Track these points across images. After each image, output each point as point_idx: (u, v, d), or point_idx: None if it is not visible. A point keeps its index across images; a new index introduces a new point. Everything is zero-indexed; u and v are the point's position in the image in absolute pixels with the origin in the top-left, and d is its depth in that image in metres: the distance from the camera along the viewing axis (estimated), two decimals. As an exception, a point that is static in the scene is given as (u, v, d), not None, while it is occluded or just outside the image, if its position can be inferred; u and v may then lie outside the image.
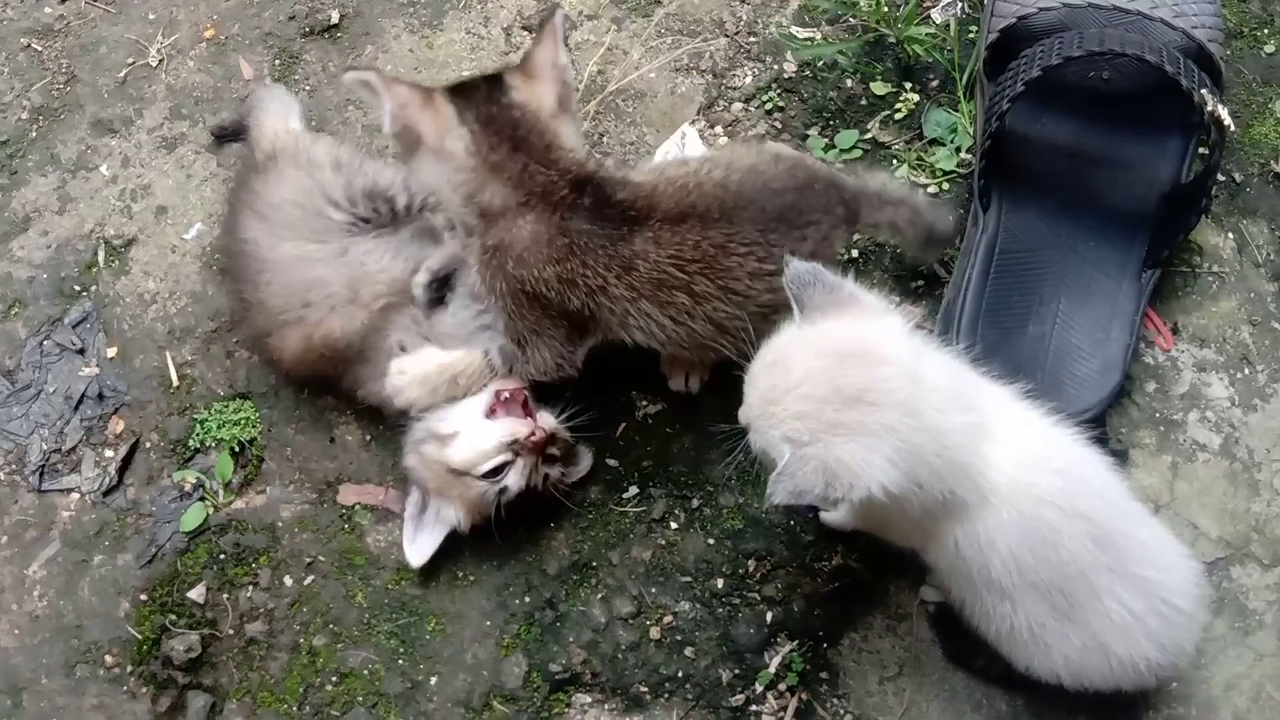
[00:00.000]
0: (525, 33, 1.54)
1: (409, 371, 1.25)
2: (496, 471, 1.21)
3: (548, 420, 1.25)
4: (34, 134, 1.51)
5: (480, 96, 1.16)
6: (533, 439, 1.21)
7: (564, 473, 1.28)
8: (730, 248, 1.13)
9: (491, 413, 1.23)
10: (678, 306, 1.14)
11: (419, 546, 1.26)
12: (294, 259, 1.28)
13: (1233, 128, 1.23)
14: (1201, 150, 1.35)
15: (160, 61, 1.54)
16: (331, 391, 1.35)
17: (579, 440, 1.30)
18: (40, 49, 1.56)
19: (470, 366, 1.24)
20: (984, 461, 1.00)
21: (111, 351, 1.40)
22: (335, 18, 1.56)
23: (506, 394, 1.23)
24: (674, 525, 1.30)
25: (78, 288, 1.43)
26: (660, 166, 1.23)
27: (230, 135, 1.48)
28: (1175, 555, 1.06)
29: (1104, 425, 1.28)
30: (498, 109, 1.15)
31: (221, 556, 1.31)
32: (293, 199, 1.30)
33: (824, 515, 1.27)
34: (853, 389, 0.93)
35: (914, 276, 1.39)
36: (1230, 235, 1.39)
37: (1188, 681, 1.21)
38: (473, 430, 1.22)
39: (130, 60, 1.55)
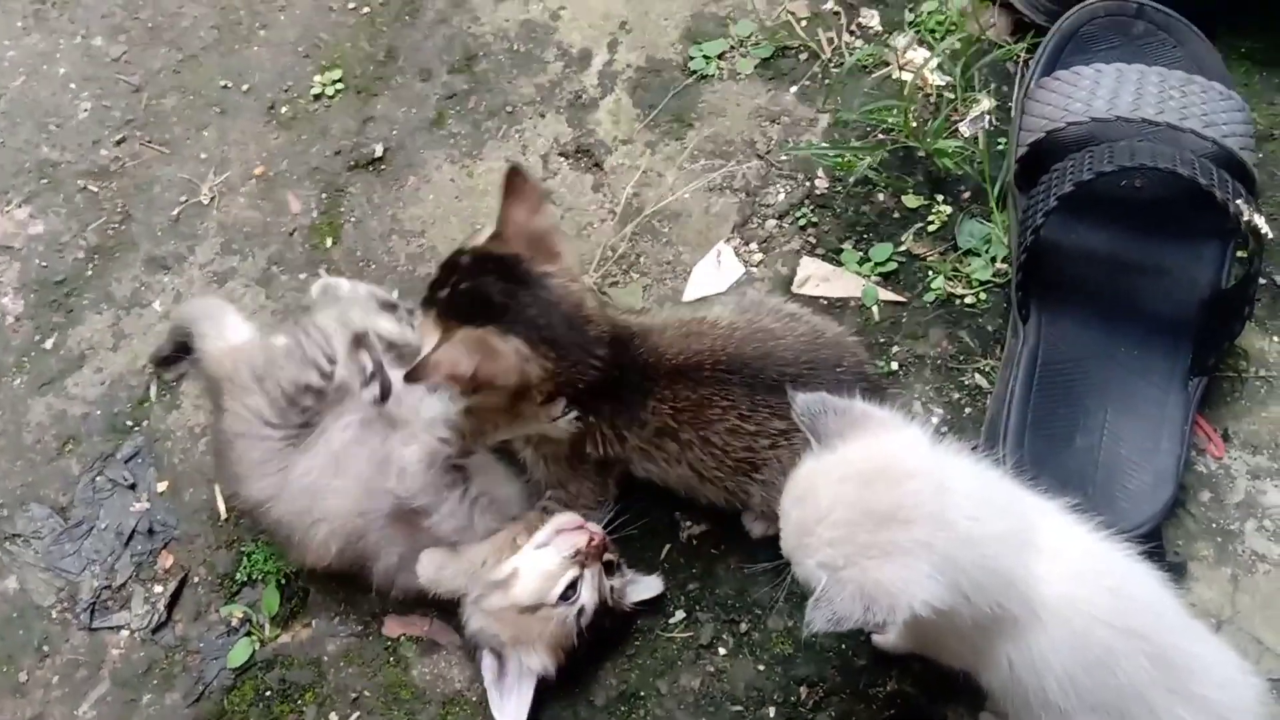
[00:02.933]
0: (562, 159, 1.63)
1: (448, 566, 1.28)
2: (569, 592, 1.24)
3: (596, 527, 1.29)
4: (90, 272, 1.62)
5: (533, 315, 1.17)
6: (593, 544, 1.25)
7: (623, 584, 1.31)
8: (713, 401, 1.23)
9: (544, 544, 1.27)
10: (667, 451, 1.25)
11: (511, 710, 1.24)
12: (259, 503, 1.31)
13: (1270, 235, 1.26)
14: (1240, 254, 1.38)
15: (212, 199, 1.65)
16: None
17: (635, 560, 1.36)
18: (96, 190, 1.67)
19: (532, 526, 1.29)
20: (1030, 574, 1.01)
21: (162, 486, 1.47)
22: (379, 151, 1.66)
23: (568, 528, 1.27)
24: (722, 651, 1.33)
25: (130, 423, 1.51)
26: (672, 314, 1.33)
27: (173, 358, 1.51)
28: (1235, 672, 1.06)
29: (1160, 538, 1.30)
30: (563, 323, 1.19)
31: (268, 693, 1.35)
32: (239, 433, 1.31)
33: (876, 638, 1.28)
34: (882, 508, 0.95)
35: (957, 389, 1.43)
36: (1275, 339, 1.41)
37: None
38: (531, 561, 1.25)
39: (183, 198, 1.66)
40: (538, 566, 1.25)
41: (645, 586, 1.33)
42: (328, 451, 1.30)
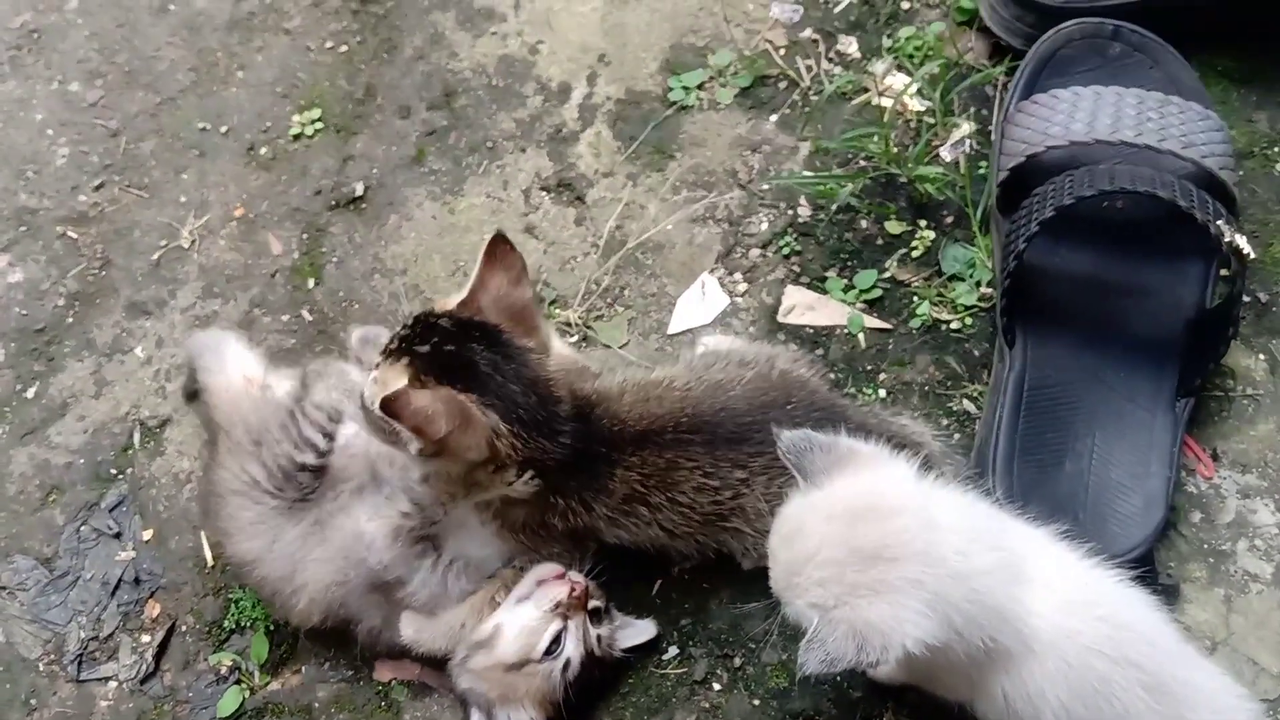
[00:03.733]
0: (543, 193, 1.64)
1: (426, 630, 1.28)
2: (554, 646, 1.23)
3: (577, 576, 1.28)
4: (70, 320, 1.62)
5: (513, 392, 1.15)
6: (574, 594, 1.25)
7: (612, 630, 1.30)
8: (679, 463, 1.24)
9: (525, 598, 1.26)
10: (638, 516, 1.26)
11: None
12: (244, 562, 1.31)
13: (1252, 255, 1.27)
14: (1224, 273, 1.39)
15: (192, 242, 1.66)
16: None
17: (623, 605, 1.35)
18: (76, 236, 1.68)
19: (509, 583, 1.29)
20: (1022, 606, 1.02)
21: (147, 534, 1.47)
22: (360, 190, 1.67)
23: (549, 579, 1.27)
24: (717, 687, 1.33)
25: (114, 471, 1.51)
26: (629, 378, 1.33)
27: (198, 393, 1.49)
28: (1232, 697, 1.07)
29: (1152, 561, 1.30)
30: (538, 405, 1.17)
31: (259, 742, 1.35)
32: (233, 490, 1.30)
33: (871, 670, 1.28)
34: (869, 547, 0.96)
35: (946, 414, 1.43)
36: (1261, 356, 1.43)
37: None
38: (513, 617, 1.25)
39: (163, 242, 1.66)
40: (519, 623, 1.24)
41: (637, 631, 1.33)
42: (314, 519, 1.29)
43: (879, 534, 0.96)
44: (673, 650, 1.35)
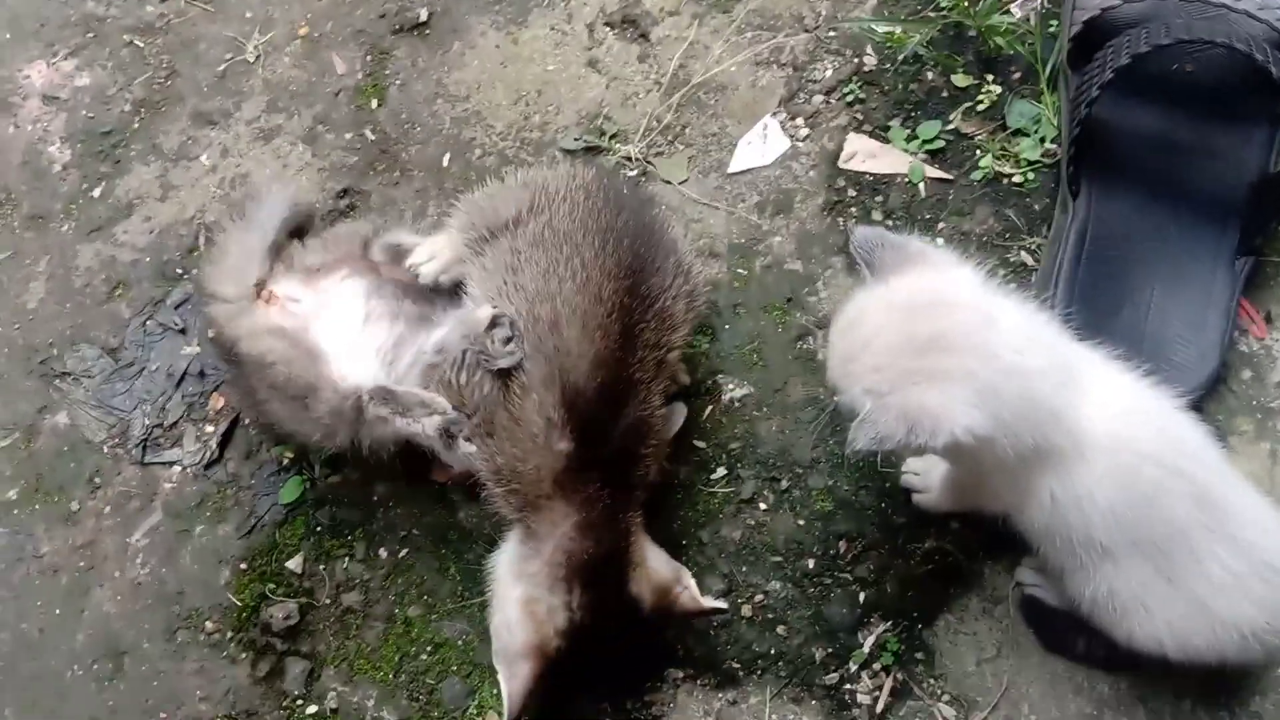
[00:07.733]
0: (607, 29, 1.65)
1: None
2: None
3: None
4: (136, 125, 1.65)
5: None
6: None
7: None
8: None
9: None
10: None
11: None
12: None
13: (1320, 116, 1.30)
14: (1290, 139, 1.42)
15: (257, 58, 1.68)
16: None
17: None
18: (142, 45, 1.70)
19: None
20: (1076, 410, 1.05)
21: (212, 331, 1.51)
22: (424, 15, 1.68)
23: None
24: (763, 506, 1.38)
25: (179, 271, 1.56)
26: None
27: None
28: (1276, 521, 1.11)
29: (1201, 412, 1.34)
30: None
31: (318, 529, 1.41)
32: None
33: (916, 498, 1.33)
34: (926, 336, 0.99)
35: (1003, 265, 1.47)
36: (1322, 223, 1.45)
37: (1295, 664, 1.25)
38: None
39: (228, 56, 1.68)
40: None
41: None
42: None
43: (937, 325, 0.99)
44: (720, 471, 1.40)
